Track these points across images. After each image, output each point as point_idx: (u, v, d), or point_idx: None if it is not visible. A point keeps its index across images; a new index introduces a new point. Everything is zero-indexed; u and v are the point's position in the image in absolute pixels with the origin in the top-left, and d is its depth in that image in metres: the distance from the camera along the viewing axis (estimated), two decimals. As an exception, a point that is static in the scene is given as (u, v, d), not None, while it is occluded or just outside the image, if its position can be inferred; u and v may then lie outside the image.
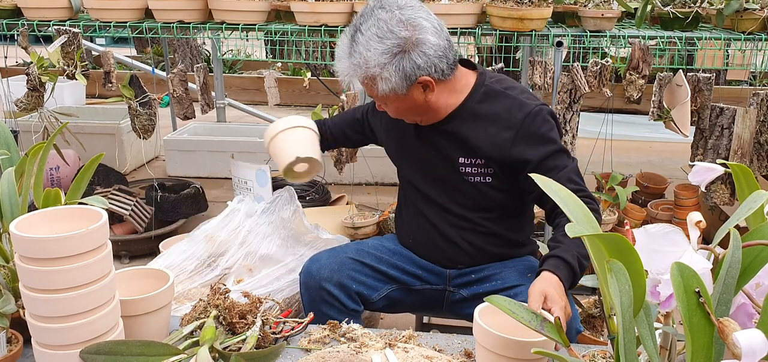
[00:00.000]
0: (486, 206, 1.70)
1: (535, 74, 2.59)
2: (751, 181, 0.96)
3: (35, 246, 1.08)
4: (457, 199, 1.71)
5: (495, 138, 1.61)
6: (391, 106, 1.61)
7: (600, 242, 0.84)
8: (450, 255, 1.75)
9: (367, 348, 1.35)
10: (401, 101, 1.58)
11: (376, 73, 1.51)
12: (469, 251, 1.74)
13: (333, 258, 1.73)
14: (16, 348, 1.29)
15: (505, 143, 1.60)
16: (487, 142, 1.62)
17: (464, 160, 1.66)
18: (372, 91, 1.58)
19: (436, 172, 1.72)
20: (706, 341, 0.76)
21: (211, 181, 4.17)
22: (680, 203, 3.15)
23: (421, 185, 1.77)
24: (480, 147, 1.62)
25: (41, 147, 1.41)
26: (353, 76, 1.55)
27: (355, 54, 1.52)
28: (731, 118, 2.54)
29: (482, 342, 1.22)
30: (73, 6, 2.80)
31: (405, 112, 1.64)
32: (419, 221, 1.79)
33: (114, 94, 4.38)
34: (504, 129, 1.60)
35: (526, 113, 1.59)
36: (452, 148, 1.67)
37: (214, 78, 4.32)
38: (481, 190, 1.67)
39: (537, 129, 1.59)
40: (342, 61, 1.56)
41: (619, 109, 4.95)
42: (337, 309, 1.69)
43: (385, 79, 1.51)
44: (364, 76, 1.54)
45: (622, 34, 2.61)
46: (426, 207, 1.76)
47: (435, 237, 1.75)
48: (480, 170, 1.66)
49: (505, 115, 1.61)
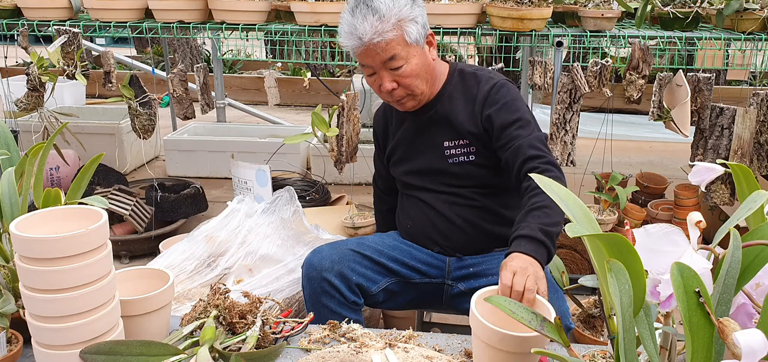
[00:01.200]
0: (474, 184, 1.79)
1: (535, 74, 2.59)
2: (751, 181, 0.96)
3: (35, 246, 1.08)
4: (446, 181, 1.80)
5: (470, 112, 1.74)
6: (413, 62, 1.66)
7: (600, 242, 0.84)
8: (447, 234, 1.80)
9: (367, 348, 1.35)
10: (421, 56, 1.67)
11: (407, 14, 1.62)
12: (464, 228, 1.79)
13: (334, 250, 1.76)
14: (16, 348, 1.29)
15: (476, 112, 1.73)
16: (465, 118, 1.74)
17: (448, 143, 1.77)
18: (393, 49, 1.62)
19: (427, 163, 1.81)
20: (706, 341, 0.76)
21: (211, 181, 4.17)
22: (680, 203, 3.15)
23: (414, 179, 1.85)
24: (461, 124, 1.74)
25: (41, 147, 1.41)
26: (381, 30, 1.59)
27: (379, 7, 1.59)
28: (731, 118, 2.55)
29: (480, 335, 1.21)
30: (73, 6, 2.80)
31: (419, 73, 1.69)
32: (416, 206, 1.85)
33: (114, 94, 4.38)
34: (475, 101, 1.75)
35: (493, 84, 1.75)
36: (437, 133, 1.78)
37: (214, 78, 4.32)
38: (468, 171, 1.77)
39: (503, 97, 1.72)
40: (365, 21, 1.60)
41: (619, 109, 4.96)
42: (338, 300, 1.71)
43: (414, 20, 1.63)
44: (396, 20, 1.60)
45: (622, 34, 2.61)
46: (421, 194, 1.84)
47: (431, 216, 1.81)
48: (463, 150, 1.77)
49: (475, 89, 1.76)
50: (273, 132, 4.65)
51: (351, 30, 1.62)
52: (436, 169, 1.80)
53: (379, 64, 1.65)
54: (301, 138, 2.64)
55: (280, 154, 3.78)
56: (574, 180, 3.02)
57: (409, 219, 1.88)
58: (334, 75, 7.37)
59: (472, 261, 1.81)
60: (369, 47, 1.62)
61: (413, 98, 1.73)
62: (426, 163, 1.81)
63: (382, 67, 1.66)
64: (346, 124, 2.55)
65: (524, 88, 3.11)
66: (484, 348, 1.20)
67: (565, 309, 1.61)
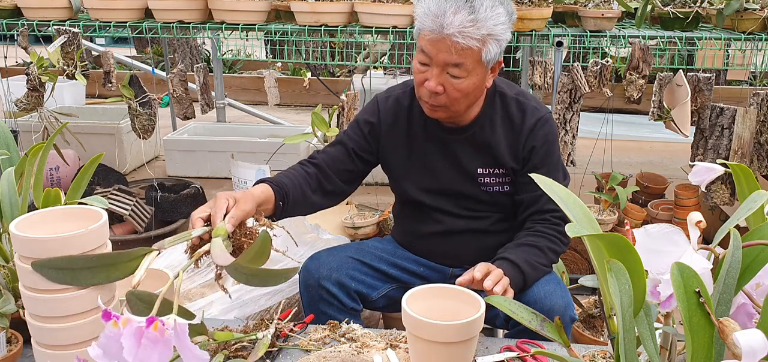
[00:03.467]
0: (499, 212, 1.72)
1: (535, 74, 2.59)
2: (751, 181, 0.96)
3: (35, 246, 1.08)
4: (471, 207, 1.71)
5: (512, 143, 1.65)
6: (472, 80, 1.52)
7: (600, 242, 0.84)
8: (458, 255, 1.75)
9: (368, 348, 1.34)
10: (481, 78, 1.54)
11: (498, 32, 1.49)
12: (478, 252, 1.70)
13: (332, 257, 1.72)
14: (16, 348, 1.29)
15: (519, 143, 1.64)
16: (506, 148, 1.65)
17: (483, 171, 1.67)
18: (465, 58, 1.47)
19: (450, 184, 1.70)
20: (706, 341, 0.76)
21: (211, 181, 4.17)
22: (680, 203, 3.15)
23: (432, 199, 1.72)
24: (501, 154, 1.64)
25: (41, 147, 1.41)
26: (468, 33, 1.45)
27: (479, 8, 1.45)
28: (731, 118, 2.54)
29: (410, 329, 1.18)
30: (73, 6, 2.80)
31: (469, 94, 1.55)
32: (427, 225, 1.75)
33: (114, 94, 4.38)
34: (519, 133, 1.64)
35: (539, 117, 1.65)
36: (472, 158, 1.67)
37: (214, 78, 4.32)
38: (498, 199, 1.69)
39: (547, 134, 1.64)
40: (457, 13, 1.44)
41: (619, 109, 4.96)
42: (336, 307, 1.68)
43: (498, 42, 1.51)
44: (486, 33, 1.47)
45: (622, 34, 2.61)
46: (438, 215, 1.73)
47: (446, 238, 1.74)
48: (498, 180, 1.68)
49: (519, 118, 1.65)
50: (273, 132, 4.65)
51: (437, 12, 1.45)
52: (464, 193, 1.69)
53: (441, 62, 1.49)
54: (301, 138, 2.64)
55: (280, 154, 3.77)
56: (575, 180, 3.00)
57: (416, 236, 1.79)
58: (334, 75, 7.37)
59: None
60: (444, 40, 1.46)
61: (447, 111, 1.58)
62: (451, 184, 1.69)
63: (441, 66, 1.50)
64: (346, 124, 2.55)
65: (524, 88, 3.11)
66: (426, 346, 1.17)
67: (568, 300, 1.60)
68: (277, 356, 1.34)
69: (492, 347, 1.38)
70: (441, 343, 1.14)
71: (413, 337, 1.18)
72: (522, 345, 1.36)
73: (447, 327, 1.13)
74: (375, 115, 1.74)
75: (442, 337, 1.14)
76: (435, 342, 1.14)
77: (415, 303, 1.20)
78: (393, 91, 1.76)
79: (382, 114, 1.73)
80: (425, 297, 1.24)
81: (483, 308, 1.18)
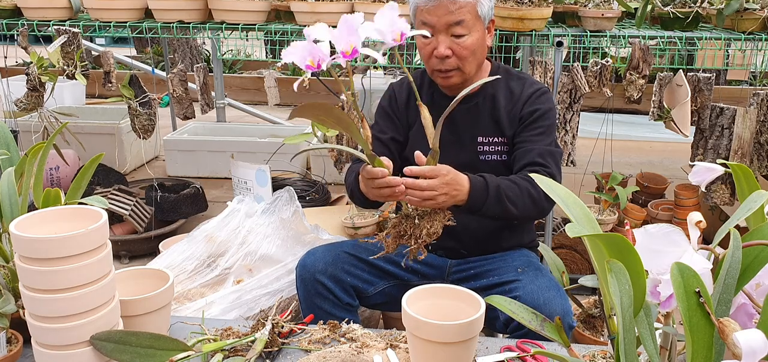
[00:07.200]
0: None
1: (535, 74, 2.59)
2: (751, 181, 0.96)
3: (35, 246, 1.08)
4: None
5: (510, 110, 1.75)
6: (475, 35, 1.66)
7: (600, 242, 0.84)
8: (459, 236, 1.72)
9: (368, 348, 1.34)
10: (481, 34, 1.68)
11: None
12: (477, 232, 1.76)
13: (328, 252, 1.74)
14: (16, 348, 1.29)
15: (516, 111, 1.74)
16: (505, 115, 1.75)
17: (483, 139, 1.76)
18: (464, 14, 1.62)
19: (450, 152, 1.70)
20: (706, 341, 0.76)
21: (211, 181, 4.17)
22: (680, 203, 3.15)
23: None
24: (501, 121, 1.75)
25: (41, 147, 1.41)
26: None
27: None
28: (731, 118, 2.55)
29: (410, 329, 1.18)
30: (73, 6, 2.80)
31: (475, 51, 1.68)
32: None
33: (114, 94, 4.38)
34: (518, 101, 1.75)
35: (537, 88, 1.77)
36: (473, 125, 1.76)
37: (214, 78, 4.32)
38: (496, 170, 1.72)
39: (543, 103, 1.74)
40: None
41: (619, 109, 4.95)
42: (332, 302, 1.69)
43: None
44: None
45: (622, 34, 2.61)
46: None
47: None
48: (497, 148, 1.76)
49: (519, 88, 1.77)
50: (273, 132, 4.65)
51: None
52: (463, 163, 1.67)
53: (443, 26, 1.63)
54: (300, 138, 2.64)
55: (280, 154, 3.77)
56: (575, 180, 3.02)
57: None
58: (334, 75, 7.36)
59: (474, 264, 1.78)
60: (441, 2, 1.61)
61: (461, 74, 1.70)
62: (450, 153, 1.68)
63: (444, 30, 1.64)
64: (346, 124, 2.55)
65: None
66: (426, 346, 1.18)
67: (567, 307, 1.61)
68: (276, 356, 1.34)
69: (492, 347, 1.38)
70: (441, 343, 1.14)
71: (413, 337, 1.18)
72: (522, 345, 1.36)
73: (447, 327, 1.13)
74: (392, 96, 1.88)
75: (442, 337, 1.14)
76: (435, 342, 1.14)
77: (415, 303, 1.21)
78: (404, 77, 1.89)
79: (398, 93, 1.87)
80: (425, 296, 1.24)
81: (483, 308, 1.18)
